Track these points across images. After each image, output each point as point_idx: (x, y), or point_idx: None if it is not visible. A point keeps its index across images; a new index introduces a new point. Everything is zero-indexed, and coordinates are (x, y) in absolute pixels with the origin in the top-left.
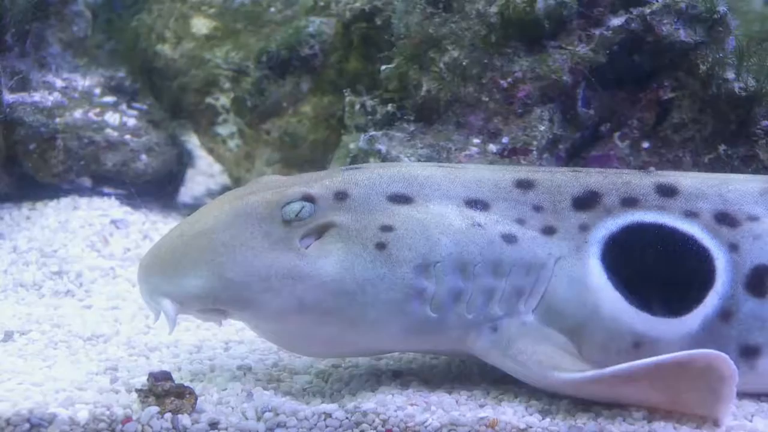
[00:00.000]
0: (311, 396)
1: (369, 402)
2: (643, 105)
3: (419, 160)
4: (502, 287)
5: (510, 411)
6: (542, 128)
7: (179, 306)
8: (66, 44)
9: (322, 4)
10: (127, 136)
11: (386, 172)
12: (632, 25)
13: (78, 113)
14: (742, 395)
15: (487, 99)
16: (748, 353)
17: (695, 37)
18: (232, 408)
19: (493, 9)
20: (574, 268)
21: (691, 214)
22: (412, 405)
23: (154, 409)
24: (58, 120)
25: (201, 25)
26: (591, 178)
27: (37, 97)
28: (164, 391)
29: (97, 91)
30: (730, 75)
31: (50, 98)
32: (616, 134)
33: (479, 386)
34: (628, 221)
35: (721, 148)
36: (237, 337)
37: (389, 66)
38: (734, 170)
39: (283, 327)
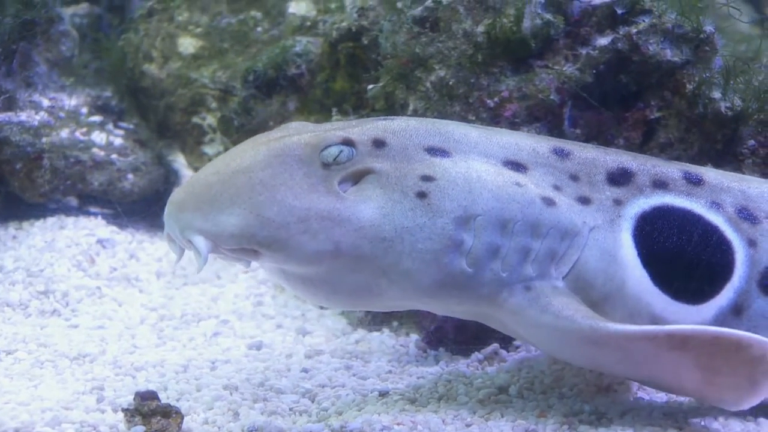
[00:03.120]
0: (297, 415)
1: (355, 421)
2: (630, 124)
3: None
4: (538, 248)
5: (496, 430)
6: None
7: (212, 244)
8: (52, 64)
9: (308, 23)
10: (114, 156)
11: (422, 125)
12: (618, 45)
13: (64, 133)
14: None
15: (473, 118)
16: None
17: (682, 57)
18: (219, 427)
19: (480, 29)
20: (607, 240)
21: (716, 205)
22: (398, 424)
23: (141, 428)
24: (44, 139)
25: (188, 44)
26: (621, 156)
27: (23, 116)
28: (150, 410)
29: (84, 110)
30: (717, 95)
31: (37, 118)
32: None
33: (465, 405)
34: (660, 202)
35: (708, 167)
36: (223, 357)
37: (376, 85)
38: None
39: (315, 271)
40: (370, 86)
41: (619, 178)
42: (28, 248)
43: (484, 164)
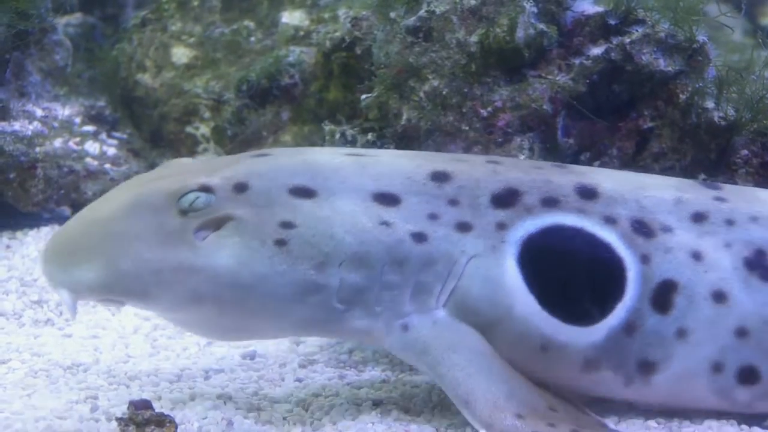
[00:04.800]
0: (291, 425)
1: (349, 431)
2: (623, 134)
3: None
4: (411, 285)
5: None
6: (522, 157)
7: (75, 295)
8: (46, 73)
9: (302, 33)
10: (107, 165)
11: (290, 161)
12: (612, 55)
13: (58, 142)
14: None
15: (467, 128)
16: (645, 368)
17: (675, 67)
18: None
19: (473, 38)
20: (490, 268)
21: (610, 220)
22: None
23: None
24: (38, 149)
25: (181, 54)
26: (511, 173)
27: (17, 126)
28: (144, 419)
29: (77, 120)
30: (710, 104)
31: (30, 127)
32: (596, 163)
33: (459, 415)
34: (549, 223)
35: (701, 177)
36: (217, 366)
37: (369, 95)
38: None
39: (184, 316)
40: (364, 96)
41: (505, 199)
42: (21, 258)
43: (351, 203)
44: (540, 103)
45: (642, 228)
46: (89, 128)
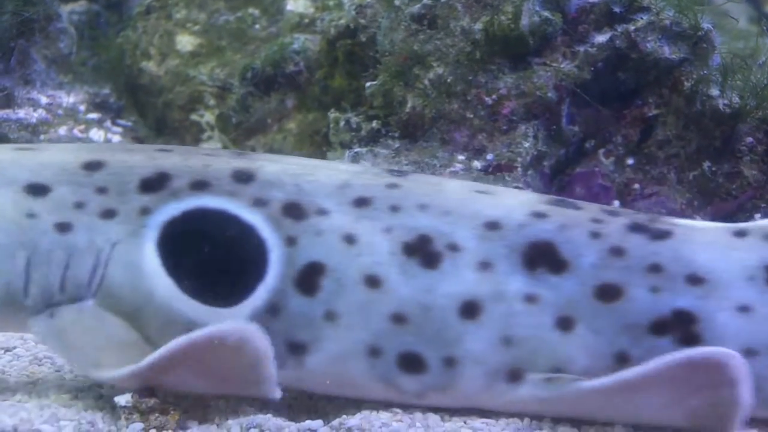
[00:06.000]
0: (296, 413)
1: (354, 418)
2: (628, 122)
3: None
4: (59, 276)
5: (495, 428)
6: (527, 145)
7: None
8: (51, 61)
9: (306, 21)
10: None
11: None
12: (617, 42)
13: (62, 130)
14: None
15: (471, 116)
16: (295, 349)
17: (679, 54)
18: (217, 425)
19: (478, 26)
20: (131, 253)
21: (260, 203)
22: (397, 421)
23: (139, 425)
24: (42, 137)
25: (186, 42)
26: (169, 159)
27: (21, 113)
28: (149, 407)
29: (82, 107)
30: (715, 92)
31: (35, 115)
32: (601, 151)
33: None
34: (193, 205)
35: (706, 164)
36: None
37: (374, 82)
38: (719, 187)
39: None
40: (368, 83)
41: (154, 183)
42: None
43: (3, 195)
44: (545, 91)
45: (293, 210)
46: (94, 116)
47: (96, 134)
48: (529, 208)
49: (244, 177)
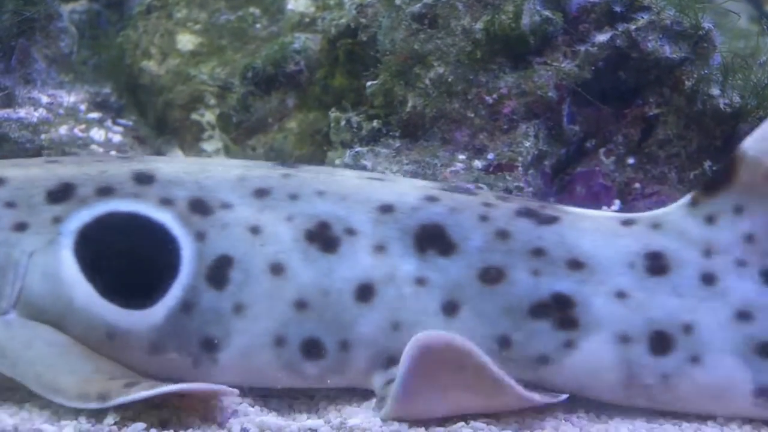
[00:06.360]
0: (297, 412)
1: (355, 418)
2: (629, 121)
3: (404, 176)
4: None
5: (496, 428)
6: (527, 144)
7: None
8: (51, 60)
9: (307, 20)
10: (113, 152)
11: None
12: (617, 42)
13: (63, 129)
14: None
15: (472, 115)
16: (208, 346)
17: (680, 54)
18: (218, 424)
19: (479, 25)
20: (48, 262)
21: (166, 202)
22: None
23: (141, 425)
24: (43, 136)
25: (186, 41)
26: (65, 169)
27: (22, 113)
28: (149, 407)
29: (83, 107)
30: (716, 91)
31: (35, 114)
32: (602, 150)
33: None
34: (102, 211)
35: (706, 164)
36: None
37: (375, 82)
38: None
39: None
40: (369, 83)
41: (60, 194)
42: None
43: None
44: (545, 90)
45: (199, 206)
46: (94, 115)
47: (96, 134)
48: (422, 193)
49: (144, 179)
